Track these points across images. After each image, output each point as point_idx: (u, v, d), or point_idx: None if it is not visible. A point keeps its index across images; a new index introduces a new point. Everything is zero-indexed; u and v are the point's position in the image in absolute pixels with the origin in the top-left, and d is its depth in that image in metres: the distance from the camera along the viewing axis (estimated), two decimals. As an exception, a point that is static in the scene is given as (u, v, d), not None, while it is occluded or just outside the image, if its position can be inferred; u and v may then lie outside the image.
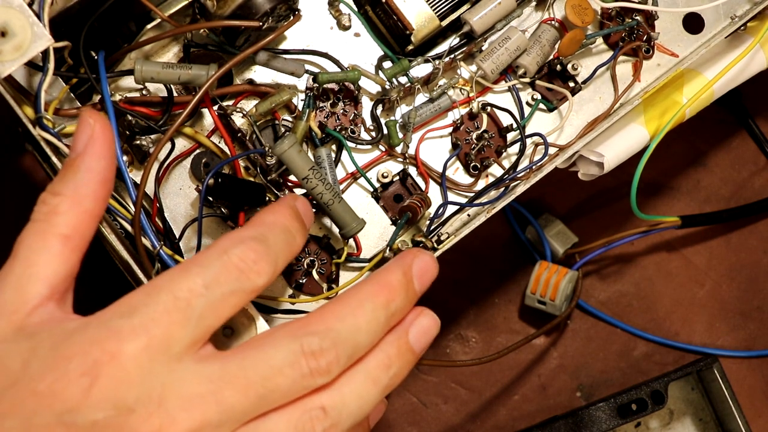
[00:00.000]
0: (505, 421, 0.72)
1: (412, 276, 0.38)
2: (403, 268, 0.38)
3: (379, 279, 0.37)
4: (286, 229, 0.38)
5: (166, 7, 0.53)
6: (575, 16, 0.60)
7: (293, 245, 0.38)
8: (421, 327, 0.38)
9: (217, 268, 0.34)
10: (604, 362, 0.74)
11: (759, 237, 0.77)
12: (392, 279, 0.37)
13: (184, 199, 0.56)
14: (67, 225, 0.36)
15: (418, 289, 0.39)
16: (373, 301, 0.36)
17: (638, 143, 0.61)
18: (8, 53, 0.43)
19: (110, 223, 0.49)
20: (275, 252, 0.36)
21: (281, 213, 0.38)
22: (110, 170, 0.38)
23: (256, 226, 0.37)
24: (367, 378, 0.36)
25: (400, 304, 0.37)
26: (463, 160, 0.60)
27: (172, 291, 0.33)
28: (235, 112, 0.56)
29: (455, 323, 0.73)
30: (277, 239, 0.37)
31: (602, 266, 0.75)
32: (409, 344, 0.38)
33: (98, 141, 0.37)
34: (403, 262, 0.38)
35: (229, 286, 0.34)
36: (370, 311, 0.36)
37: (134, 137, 0.54)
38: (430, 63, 0.58)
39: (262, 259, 0.35)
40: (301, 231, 0.39)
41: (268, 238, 0.36)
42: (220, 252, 0.35)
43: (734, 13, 0.65)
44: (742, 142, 0.78)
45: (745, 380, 0.74)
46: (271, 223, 0.37)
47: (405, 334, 0.38)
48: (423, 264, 0.39)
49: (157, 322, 0.32)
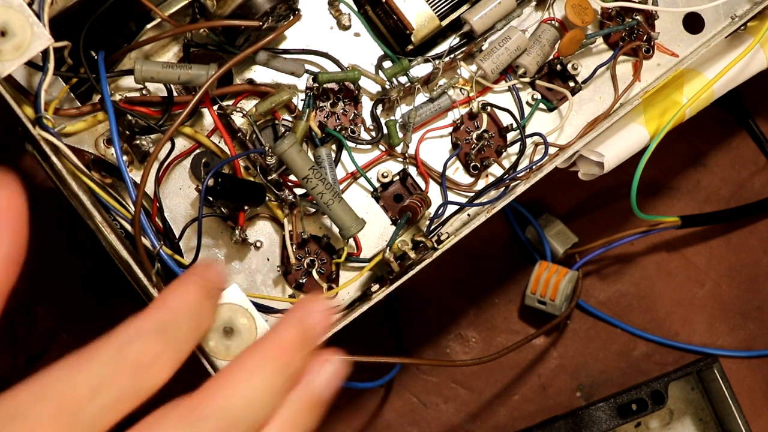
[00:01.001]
0: (505, 421, 0.72)
1: (309, 330, 0.36)
2: (298, 323, 0.35)
3: (274, 339, 0.35)
4: (192, 312, 0.34)
5: (166, 7, 0.52)
6: (575, 15, 0.60)
7: (201, 328, 0.35)
8: (328, 376, 0.36)
9: (111, 366, 0.31)
10: (604, 362, 0.74)
11: (759, 237, 0.77)
12: (288, 338, 0.35)
13: (184, 199, 0.56)
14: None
15: (316, 342, 0.36)
16: (269, 366, 0.34)
17: (638, 143, 0.61)
18: (8, 53, 0.43)
19: (110, 223, 0.49)
20: (179, 343, 0.33)
21: (189, 292, 0.35)
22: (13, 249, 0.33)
23: (158, 313, 0.33)
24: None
25: (299, 364, 0.35)
26: (463, 160, 0.60)
27: (59, 393, 0.30)
28: (235, 112, 0.56)
29: (455, 323, 0.73)
30: (182, 327, 0.33)
31: (602, 266, 0.75)
32: (314, 399, 0.36)
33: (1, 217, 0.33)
34: (298, 316, 0.36)
35: (124, 387, 0.31)
36: (267, 379, 0.33)
37: (134, 137, 0.54)
38: (430, 63, 0.58)
39: (163, 354, 0.32)
40: (211, 311, 0.36)
41: (170, 328, 0.33)
42: (117, 347, 0.31)
43: (734, 12, 0.65)
44: (742, 142, 0.78)
45: (745, 380, 0.74)
46: (176, 308, 0.34)
47: (309, 390, 0.35)
48: (318, 315, 0.36)
49: (41, 427, 0.29)
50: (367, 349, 0.71)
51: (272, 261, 0.57)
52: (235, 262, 0.57)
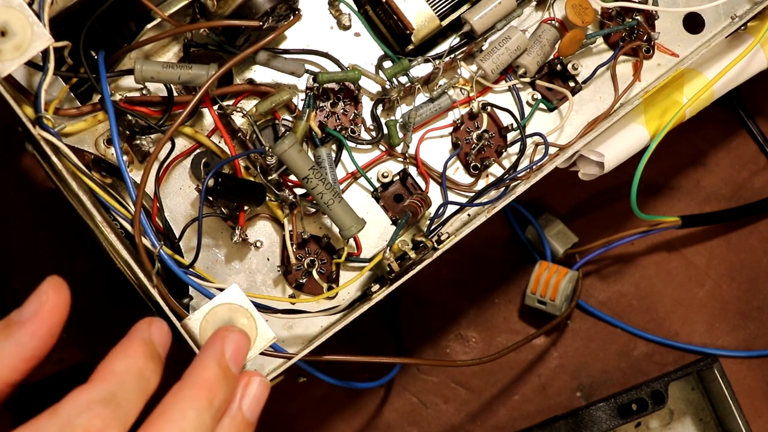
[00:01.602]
0: (505, 421, 0.72)
1: (227, 362, 0.37)
2: (216, 357, 0.36)
3: (195, 379, 0.36)
4: (139, 376, 0.35)
5: (166, 7, 0.52)
6: (575, 15, 0.60)
7: (148, 391, 0.35)
8: (253, 397, 0.37)
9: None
10: (604, 362, 0.74)
11: (759, 237, 0.77)
12: (208, 374, 0.36)
13: (184, 199, 0.56)
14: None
15: (236, 371, 0.37)
16: (195, 406, 0.35)
17: (638, 143, 0.61)
18: (8, 53, 0.43)
19: (110, 223, 0.49)
20: (125, 410, 0.33)
21: (133, 355, 0.35)
22: (40, 349, 0.35)
23: (104, 381, 0.34)
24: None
25: (223, 396, 0.36)
26: (463, 160, 0.60)
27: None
28: (235, 112, 0.56)
29: (455, 323, 0.73)
30: (129, 392, 0.34)
31: (602, 266, 0.75)
32: (245, 419, 0.37)
33: (43, 322, 0.35)
34: (214, 350, 0.37)
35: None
36: (195, 418, 0.34)
37: (134, 137, 0.54)
38: (430, 63, 0.58)
39: (110, 424, 0.32)
40: (157, 370, 0.36)
41: (117, 396, 0.33)
42: (65, 420, 0.32)
43: (734, 13, 0.65)
44: (742, 142, 0.78)
45: (745, 380, 0.74)
46: (122, 373, 0.34)
47: (240, 412, 0.37)
48: (234, 345, 0.37)
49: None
50: (367, 349, 0.71)
51: (272, 261, 0.57)
52: (235, 262, 0.56)
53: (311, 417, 0.70)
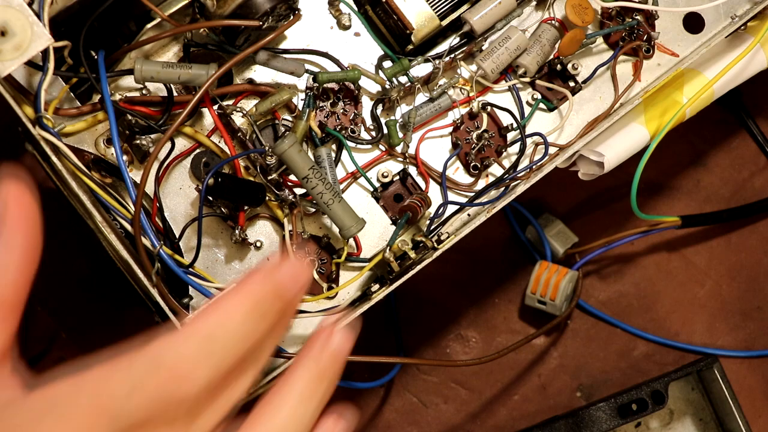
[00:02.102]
0: (505, 421, 0.72)
1: (277, 284, 0.34)
2: (268, 276, 0.34)
3: (243, 287, 0.33)
4: (246, 324, 0.33)
5: (166, 7, 0.52)
6: (575, 15, 0.60)
7: (253, 335, 0.33)
8: (342, 336, 0.37)
9: (144, 373, 0.31)
10: (604, 362, 0.74)
11: (759, 237, 0.77)
12: (256, 285, 0.33)
13: (184, 198, 0.56)
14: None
15: (289, 296, 0.34)
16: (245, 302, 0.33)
17: (638, 143, 0.61)
18: (8, 53, 0.43)
19: (110, 223, 0.49)
20: (220, 354, 0.32)
21: (248, 294, 0.33)
22: (30, 240, 0.34)
23: (206, 322, 0.32)
24: (300, 398, 0.34)
25: (271, 306, 0.33)
26: (463, 160, 0.60)
27: (94, 395, 0.31)
28: (235, 112, 0.56)
29: (455, 323, 0.73)
30: (229, 336, 0.32)
31: (602, 266, 0.75)
32: (333, 354, 0.35)
33: (13, 211, 0.33)
34: (264, 273, 0.34)
35: (154, 396, 0.31)
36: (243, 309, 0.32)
37: (134, 137, 0.54)
38: (430, 63, 0.58)
39: (199, 366, 0.31)
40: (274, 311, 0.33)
41: (215, 337, 0.32)
42: (151, 358, 0.31)
43: (734, 12, 0.65)
44: (742, 142, 0.78)
45: (745, 380, 0.74)
46: (228, 317, 0.32)
47: (327, 346, 0.35)
48: (290, 266, 0.34)
49: (78, 419, 0.30)
50: (367, 349, 0.71)
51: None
52: (235, 262, 0.57)
53: (311, 417, 0.70)
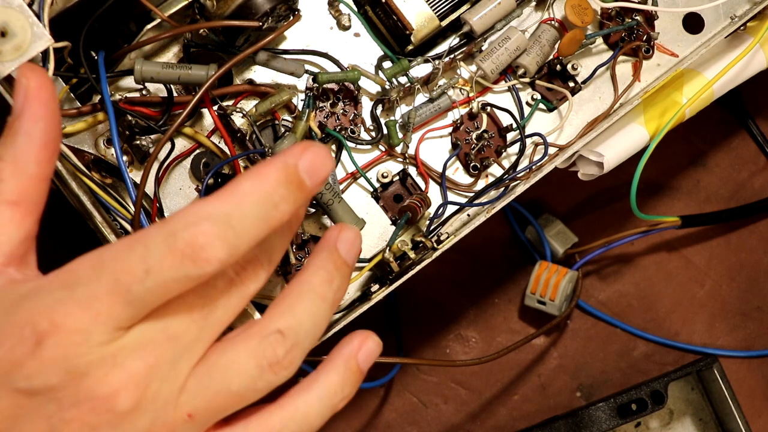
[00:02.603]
0: (505, 421, 0.72)
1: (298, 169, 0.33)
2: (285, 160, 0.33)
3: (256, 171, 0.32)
4: (264, 200, 0.31)
5: (166, 7, 0.52)
6: (575, 16, 0.60)
7: (272, 219, 0.32)
8: (347, 240, 0.36)
9: (160, 252, 0.31)
10: (604, 362, 0.74)
11: (759, 237, 0.77)
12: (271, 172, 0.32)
13: (184, 199, 0.56)
14: (13, 192, 0.34)
15: (309, 184, 0.33)
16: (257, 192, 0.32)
17: (638, 143, 0.61)
18: (8, 53, 0.43)
19: (110, 223, 0.49)
20: (237, 233, 0.31)
21: (265, 177, 0.32)
22: (51, 130, 0.35)
23: (222, 199, 0.31)
24: (314, 296, 0.35)
25: (288, 194, 0.32)
26: (463, 160, 0.60)
27: (114, 272, 0.31)
28: (235, 112, 0.56)
29: (455, 323, 0.73)
30: (247, 215, 0.31)
31: (602, 266, 0.75)
32: (342, 257, 0.36)
33: (34, 102, 0.34)
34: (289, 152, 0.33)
35: (172, 273, 0.31)
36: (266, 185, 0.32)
37: (134, 137, 0.54)
38: (430, 63, 0.58)
39: (215, 243, 0.30)
40: (292, 199, 0.32)
41: (232, 216, 0.31)
42: (168, 233, 0.31)
43: (734, 13, 0.65)
44: (742, 142, 0.78)
45: (745, 380, 0.74)
46: (245, 193, 0.31)
47: (335, 249, 0.36)
48: (312, 154, 0.33)
49: (99, 300, 0.31)
50: (367, 349, 0.71)
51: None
52: (235, 262, 0.56)
53: (311, 417, 0.70)
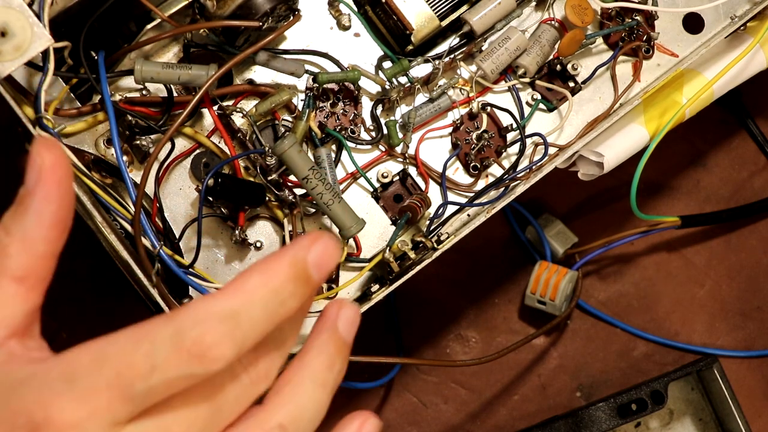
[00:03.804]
0: (505, 421, 0.72)
1: (306, 264, 0.33)
2: (295, 252, 0.33)
3: (266, 265, 0.32)
4: (272, 297, 0.32)
5: (166, 7, 0.53)
6: (575, 16, 0.60)
7: (278, 315, 0.32)
8: (348, 319, 0.36)
9: (167, 349, 0.30)
10: (604, 362, 0.74)
11: (759, 237, 0.77)
12: (280, 267, 0.32)
13: (184, 199, 0.56)
14: (19, 268, 0.33)
15: (316, 277, 0.33)
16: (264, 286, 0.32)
17: (638, 143, 0.61)
18: (8, 53, 0.43)
19: (110, 223, 0.49)
20: (244, 332, 0.31)
21: (274, 273, 0.32)
22: (62, 210, 0.34)
23: (230, 296, 0.31)
24: (316, 384, 0.34)
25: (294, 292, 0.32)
26: (463, 160, 0.60)
27: (117, 366, 0.30)
28: (235, 112, 0.56)
29: (455, 323, 0.73)
30: (254, 314, 0.31)
31: (602, 266, 0.75)
32: (343, 338, 0.35)
33: (47, 181, 0.34)
34: (295, 248, 0.33)
35: (177, 371, 0.31)
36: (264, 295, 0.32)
37: (134, 137, 0.54)
38: (430, 63, 0.58)
39: (223, 342, 0.30)
40: (299, 294, 0.32)
41: (239, 314, 0.31)
42: (175, 331, 0.31)
43: (734, 13, 0.65)
44: (742, 142, 0.78)
45: (745, 380, 0.74)
46: (253, 290, 0.31)
47: (336, 329, 0.35)
48: (322, 248, 0.33)
49: (98, 394, 0.30)
50: (367, 349, 0.71)
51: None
52: (235, 263, 0.57)
53: (311, 417, 0.70)
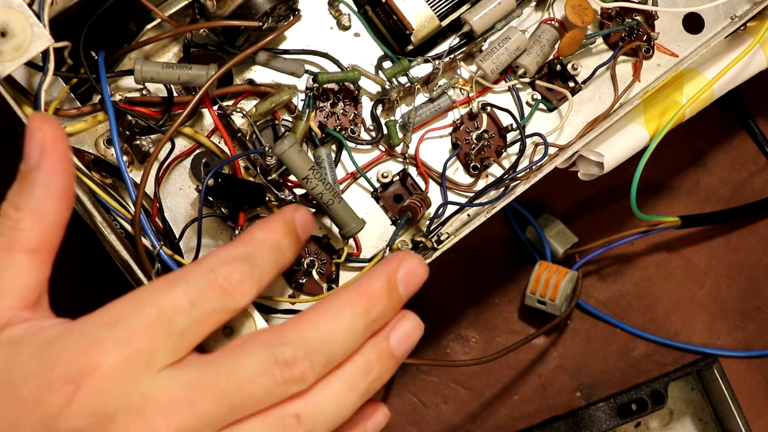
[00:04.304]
0: (505, 421, 0.72)
1: (397, 281, 0.37)
2: (387, 273, 0.37)
3: (360, 285, 0.37)
4: (275, 247, 0.38)
5: (166, 7, 0.53)
6: (575, 16, 0.60)
7: (281, 262, 0.38)
8: (403, 331, 0.38)
9: (202, 286, 0.34)
10: (604, 362, 0.74)
11: (759, 237, 0.77)
12: (374, 285, 0.37)
13: (184, 199, 0.56)
14: (32, 240, 0.35)
15: (403, 294, 0.37)
16: (351, 308, 0.36)
17: (638, 143, 0.61)
18: (8, 53, 0.43)
19: (110, 223, 0.49)
20: (261, 272, 0.36)
21: (273, 229, 0.38)
22: (68, 182, 0.36)
23: (245, 244, 0.37)
24: (344, 384, 0.35)
25: (382, 311, 0.36)
26: (463, 160, 0.60)
27: (157, 305, 0.33)
28: (235, 112, 0.56)
29: (455, 323, 0.73)
30: (265, 258, 0.37)
31: (602, 266, 0.75)
32: (389, 349, 0.37)
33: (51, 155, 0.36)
34: (388, 267, 0.37)
35: (213, 304, 0.34)
36: (348, 319, 0.35)
37: (134, 137, 0.54)
38: (430, 63, 0.58)
39: (247, 279, 0.35)
40: (293, 246, 0.39)
41: (255, 257, 0.36)
42: (207, 270, 0.35)
43: (734, 13, 0.65)
44: (742, 142, 0.78)
45: (745, 380, 0.74)
46: (261, 241, 0.37)
47: (386, 339, 0.37)
48: (409, 268, 0.38)
49: (139, 334, 0.32)
50: (367, 349, 0.71)
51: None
52: (235, 262, 0.56)
53: (311, 417, 0.70)
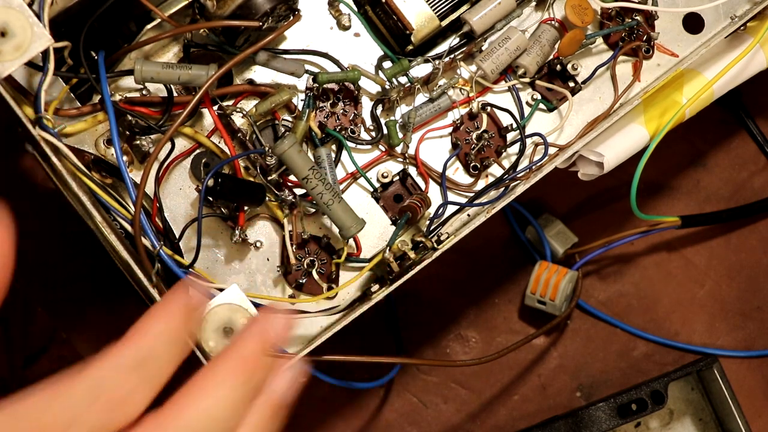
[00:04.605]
0: (505, 421, 0.72)
1: (270, 341, 0.36)
2: (259, 335, 0.36)
3: (236, 354, 0.35)
4: (174, 341, 0.34)
5: (166, 7, 0.53)
6: (575, 16, 0.60)
7: (182, 354, 0.34)
8: (285, 382, 0.37)
9: (85, 401, 0.31)
10: (604, 362, 0.74)
11: (759, 237, 0.77)
12: (249, 350, 0.35)
13: (184, 199, 0.56)
14: None
15: (277, 351, 0.37)
16: (233, 380, 0.34)
17: (638, 143, 0.62)
18: (8, 53, 0.43)
19: (110, 223, 0.49)
20: (155, 377, 0.33)
21: (169, 318, 0.34)
22: None
23: (136, 346, 0.33)
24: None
25: (262, 375, 0.35)
26: (463, 160, 0.60)
27: (33, 423, 0.31)
28: (235, 112, 0.56)
29: (455, 323, 0.73)
30: (161, 359, 0.33)
31: (602, 266, 0.75)
32: (276, 405, 0.36)
33: None
34: (257, 329, 0.36)
35: (96, 422, 0.32)
36: (232, 392, 0.34)
37: (134, 137, 0.54)
38: (430, 63, 0.58)
39: (138, 388, 0.32)
40: (194, 331, 0.37)
41: (147, 362, 0.33)
42: (90, 386, 0.32)
43: (734, 13, 0.65)
44: (742, 142, 0.78)
45: (745, 380, 0.74)
46: (156, 335, 0.33)
47: (272, 397, 0.36)
48: (279, 327, 0.36)
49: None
50: (367, 349, 0.71)
51: (272, 261, 0.57)
52: (235, 262, 0.57)
53: (311, 417, 0.71)
